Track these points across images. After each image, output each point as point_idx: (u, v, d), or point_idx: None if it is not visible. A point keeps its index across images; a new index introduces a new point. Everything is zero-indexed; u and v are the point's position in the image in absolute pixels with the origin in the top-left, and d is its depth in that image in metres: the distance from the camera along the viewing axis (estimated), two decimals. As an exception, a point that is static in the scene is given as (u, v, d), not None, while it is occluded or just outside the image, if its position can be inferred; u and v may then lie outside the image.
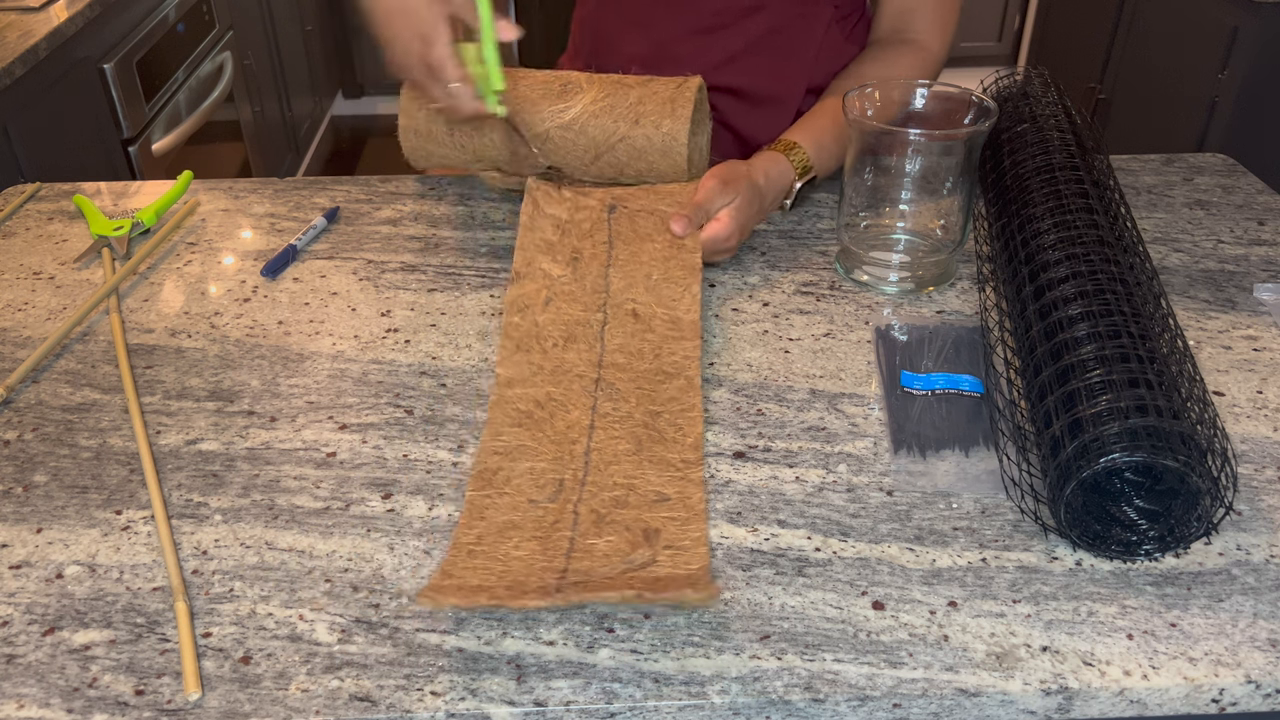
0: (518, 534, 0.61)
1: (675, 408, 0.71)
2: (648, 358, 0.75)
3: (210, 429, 0.73)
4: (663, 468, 0.66)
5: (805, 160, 0.95)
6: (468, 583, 0.57)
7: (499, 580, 0.57)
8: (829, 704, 0.54)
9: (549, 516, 0.62)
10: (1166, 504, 0.61)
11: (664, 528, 0.61)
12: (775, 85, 1.06)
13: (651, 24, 1.06)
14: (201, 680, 0.55)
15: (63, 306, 0.87)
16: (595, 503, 0.63)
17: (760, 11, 1.03)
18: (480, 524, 0.62)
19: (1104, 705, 0.55)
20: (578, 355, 0.75)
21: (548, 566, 0.58)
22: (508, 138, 0.97)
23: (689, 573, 0.57)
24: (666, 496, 0.64)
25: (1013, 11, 3.77)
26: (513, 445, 0.68)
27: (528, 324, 0.77)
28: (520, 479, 0.65)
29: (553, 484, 0.65)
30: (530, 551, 0.60)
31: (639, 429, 0.69)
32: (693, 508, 0.63)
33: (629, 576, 0.57)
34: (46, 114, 1.68)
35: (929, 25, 1.03)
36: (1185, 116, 2.38)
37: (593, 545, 0.60)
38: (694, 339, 0.77)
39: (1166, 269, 0.91)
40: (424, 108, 0.94)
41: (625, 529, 0.61)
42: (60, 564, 0.62)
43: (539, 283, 0.81)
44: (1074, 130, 0.93)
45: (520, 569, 0.58)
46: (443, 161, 1.02)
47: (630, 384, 0.73)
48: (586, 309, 0.79)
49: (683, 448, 0.68)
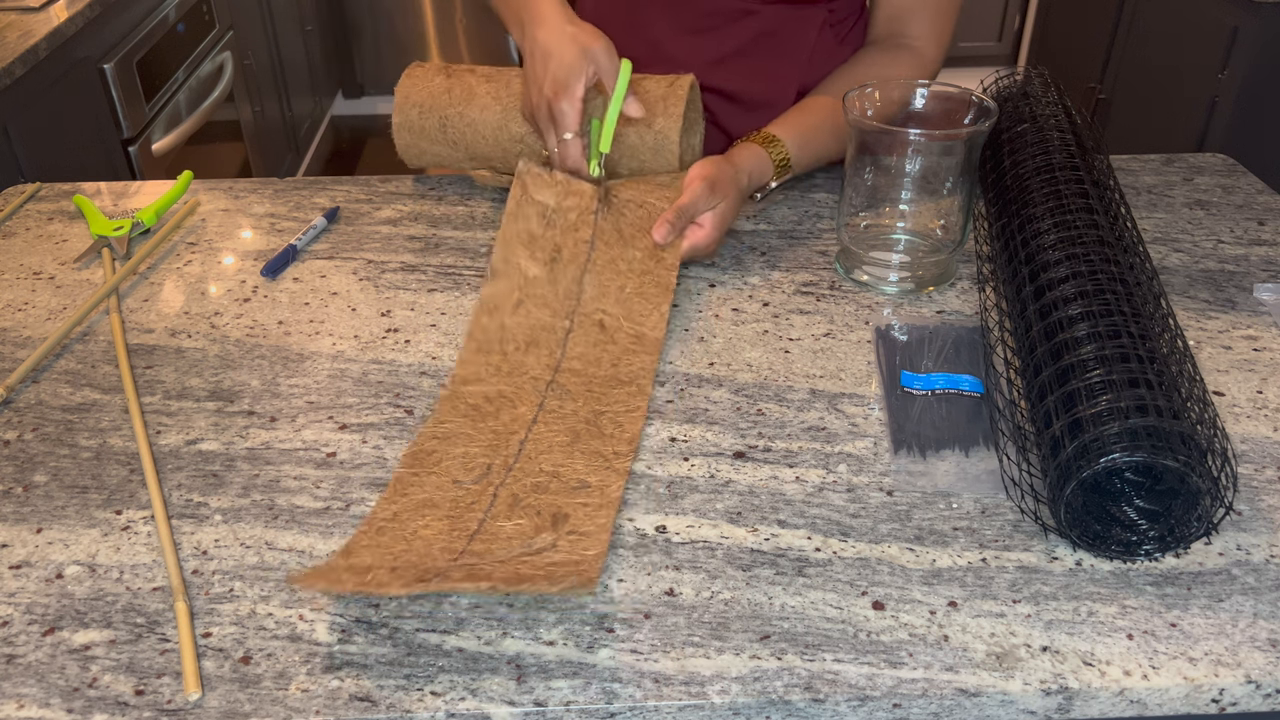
0: (431, 513, 0.63)
1: (619, 409, 0.72)
2: (604, 366, 0.76)
3: (210, 429, 0.73)
4: (592, 458, 0.67)
5: (785, 155, 0.94)
6: (359, 563, 0.58)
7: (391, 561, 0.58)
8: (829, 704, 0.54)
9: (467, 498, 0.64)
10: (1166, 504, 0.61)
11: (574, 513, 0.62)
12: (766, 88, 1.06)
13: (644, 25, 1.06)
14: (201, 680, 0.55)
15: (63, 306, 0.87)
16: (516, 487, 0.65)
17: (752, 15, 1.03)
18: (400, 500, 0.63)
19: (1104, 705, 0.55)
20: (536, 359, 0.76)
21: (446, 547, 0.60)
22: (501, 139, 0.98)
23: (581, 558, 0.58)
24: (587, 484, 0.65)
25: (1013, 11, 3.77)
26: (452, 431, 0.69)
27: (494, 326, 0.78)
28: (450, 461, 0.67)
29: (480, 467, 0.66)
30: (436, 531, 0.61)
31: (580, 425, 0.71)
32: (608, 495, 0.64)
33: (520, 561, 0.58)
34: (46, 114, 1.68)
35: (925, 30, 1.02)
36: (1185, 116, 2.38)
37: (500, 528, 0.61)
38: (653, 354, 0.78)
39: (1166, 269, 0.91)
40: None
41: (536, 513, 0.63)
42: (60, 564, 0.62)
43: (512, 282, 0.81)
44: (1074, 130, 0.93)
45: (419, 548, 0.60)
46: (436, 159, 1.02)
47: (581, 387, 0.74)
48: (555, 315, 0.80)
49: (617, 442, 0.69)
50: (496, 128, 0.98)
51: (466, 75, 1.00)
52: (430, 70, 1.01)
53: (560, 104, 0.86)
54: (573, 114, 0.87)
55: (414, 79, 1.01)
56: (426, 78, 1.00)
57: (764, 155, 0.93)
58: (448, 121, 0.99)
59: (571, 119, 0.87)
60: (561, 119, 0.87)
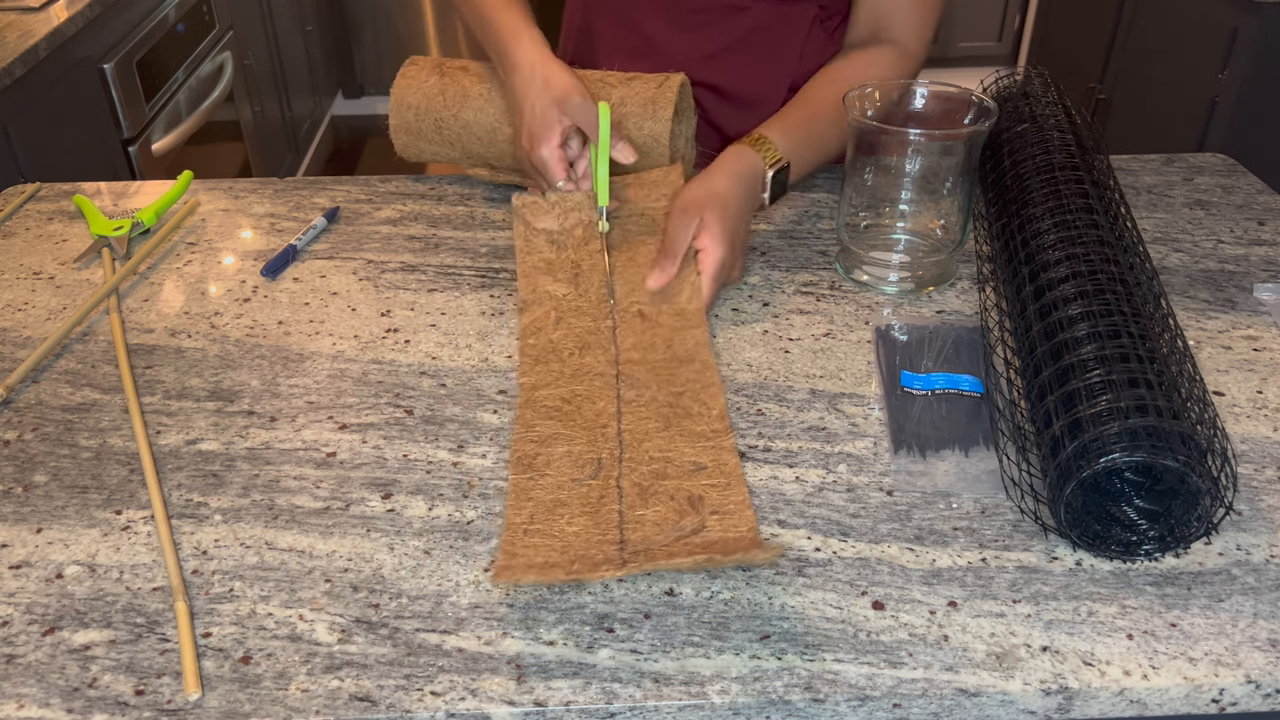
0: (567, 511, 0.63)
1: (695, 387, 0.73)
2: (660, 349, 0.77)
3: (210, 429, 0.73)
4: (693, 439, 0.68)
5: (774, 152, 0.89)
6: (534, 561, 0.58)
7: (562, 555, 0.59)
8: (829, 704, 0.54)
9: (594, 493, 0.64)
10: (1166, 504, 0.61)
11: (706, 494, 0.63)
12: (758, 84, 1.06)
13: (636, 21, 1.06)
14: (201, 680, 0.55)
15: (63, 306, 0.87)
16: (636, 476, 0.65)
17: (743, 11, 1.03)
18: (529, 504, 0.63)
19: (1104, 705, 0.55)
20: (595, 359, 0.76)
21: (604, 539, 0.60)
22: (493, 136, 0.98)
23: (741, 535, 0.59)
24: (703, 465, 0.66)
25: (1013, 11, 3.77)
26: (546, 434, 0.69)
27: (543, 342, 0.79)
28: (559, 461, 0.67)
29: (591, 463, 0.67)
30: (583, 527, 0.61)
31: (664, 409, 0.71)
32: (730, 473, 0.65)
33: (685, 543, 0.59)
34: (46, 114, 1.68)
35: (907, 25, 1.00)
36: (1185, 116, 2.38)
37: (642, 516, 0.62)
38: (700, 326, 0.78)
39: (1166, 269, 0.91)
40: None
41: (670, 498, 0.63)
42: (60, 564, 0.62)
43: (546, 306, 0.82)
44: (1074, 130, 0.93)
45: (579, 544, 0.60)
46: (435, 157, 1.03)
47: (649, 373, 0.74)
48: (595, 319, 0.80)
49: (709, 419, 0.69)
50: (491, 129, 0.98)
51: (460, 74, 1.00)
52: (425, 69, 1.01)
53: (539, 153, 0.88)
54: (554, 163, 0.88)
55: (408, 79, 1.00)
56: (421, 77, 1.00)
57: (747, 150, 0.89)
58: (443, 123, 0.99)
59: (554, 168, 0.89)
60: (545, 169, 0.89)
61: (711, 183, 0.85)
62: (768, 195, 0.90)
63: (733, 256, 0.83)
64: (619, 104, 0.95)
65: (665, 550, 0.59)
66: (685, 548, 0.59)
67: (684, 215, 0.82)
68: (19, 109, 1.60)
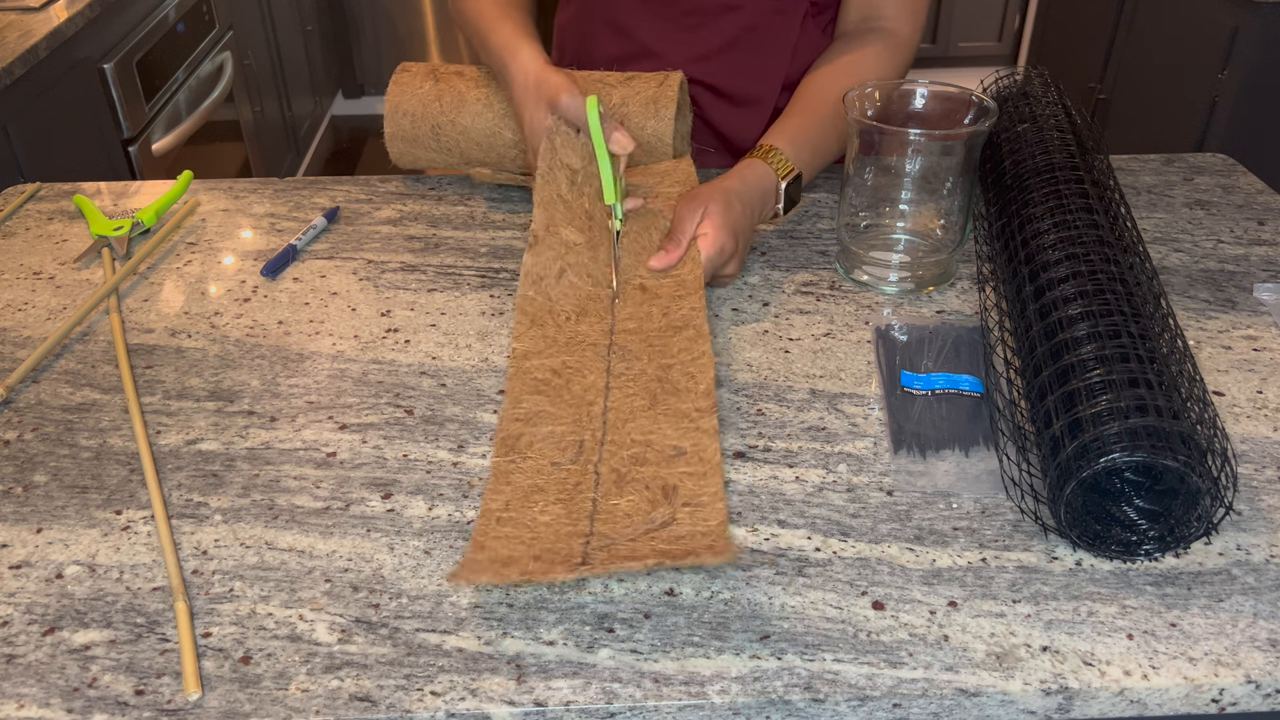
0: (542, 498, 0.63)
1: (686, 358, 0.72)
2: (656, 319, 0.77)
3: (210, 429, 0.73)
4: (677, 419, 0.67)
5: (785, 162, 0.90)
6: (499, 554, 0.58)
7: (527, 549, 0.58)
8: (829, 704, 0.54)
9: (571, 478, 0.64)
10: (1166, 504, 0.61)
11: (681, 484, 0.62)
12: (752, 82, 1.06)
13: (629, 24, 1.06)
14: (201, 680, 0.55)
15: (63, 306, 0.87)
16: (615, 461, 0.65)
17: (735, 10, 1.03)
18: (507, 489, 0.63)
19: (1104, 705, 0.55)
20: (590, 327, 0.77)
21: (573, 531, 0.60)
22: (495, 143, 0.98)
23: (707, 530, 0.58)
24: (683, 450, 0.65)
25: (1013, 11, 3.77)
26: (532, 411, 0.69)
27: (541, 298, 0.79)
28: (542, 443, 0.67)
29: (573, 446, 0.67)
30: (555, 516, 0.61)
31: (652, 384, 0.71)
32: (708, 461, 0.64)
33: (650, 537, 0.59)
34: (46, 114, 1.68)
35: (898, 10, 1.00)
36: (1185, 116, 2.38)
37: (614, 506, 0.62)
38: (697, 293, 0.78)
39: (1166, 269, 0.91)
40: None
41: (645, 487, 0.63)
42: (60, 564, 0.62)
43: (555, 251, 0.82)
44: (1074, 130, 0.93)
45: (548, 535, 0.60)
46: (432, 163, 1.03)
47: (642, 344, 0.75)
48: (597, 284, 0.81)
49: (695, 395, 0.69)
50: (489, 134, 0.98)
51: (455, 79, 1.00)
52: (419, 75, 1.01)
53: (531, 162, 0.89)
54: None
55: (402, 86, 1.00)
56: (415, 84, 1.00)
57: (758, 163, 0.90)
58: (440, 130, 0.99)
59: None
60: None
61: (723, 181, 0.88)
62: (781, 206, 0.91)
63: (733, 246, 0.84)
64: (620, 104, 0.95)
65: (625, 549, 0.58)
66: (646, 546, 0.58)
67: (691, 203, 0.84)
68: (19, 109, 1.60)
